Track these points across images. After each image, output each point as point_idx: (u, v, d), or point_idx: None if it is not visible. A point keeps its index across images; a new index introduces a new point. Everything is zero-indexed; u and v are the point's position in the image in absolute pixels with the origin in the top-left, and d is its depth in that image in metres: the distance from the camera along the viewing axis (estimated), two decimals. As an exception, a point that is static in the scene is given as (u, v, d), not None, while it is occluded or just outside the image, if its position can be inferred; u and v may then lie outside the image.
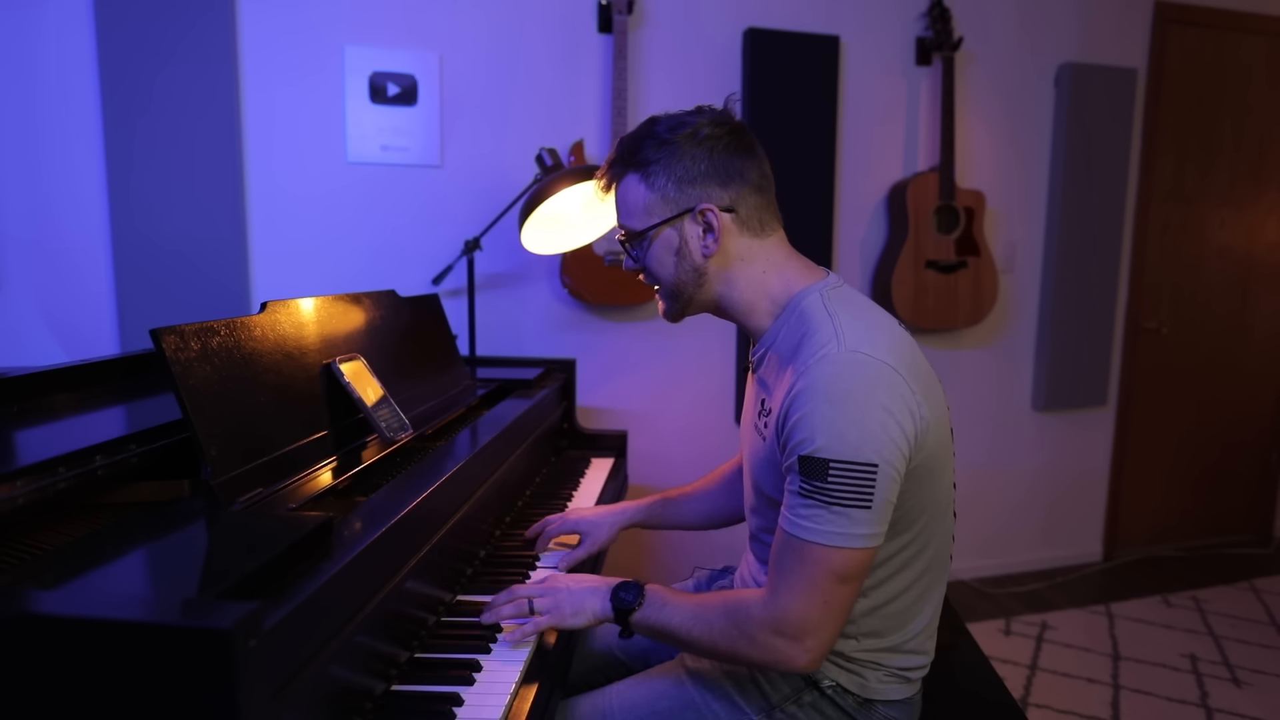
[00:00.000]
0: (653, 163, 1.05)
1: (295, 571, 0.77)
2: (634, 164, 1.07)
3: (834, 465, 0.90)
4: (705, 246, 1.06)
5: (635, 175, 1.07)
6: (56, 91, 2.10)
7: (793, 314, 1.04)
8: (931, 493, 1.02)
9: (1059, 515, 3.27)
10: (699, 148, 1.04)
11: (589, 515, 1.38)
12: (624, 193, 1.10)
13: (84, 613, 0.58)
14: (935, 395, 1.00)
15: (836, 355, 0.94)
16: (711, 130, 1.05)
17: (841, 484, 0.90)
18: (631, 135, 1.09)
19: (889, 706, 1.08)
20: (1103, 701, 2.28)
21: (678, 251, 1.07)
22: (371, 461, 1.15)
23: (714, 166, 1.04)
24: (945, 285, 2.76)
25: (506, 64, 2.41)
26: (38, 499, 0.83)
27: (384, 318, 1.45)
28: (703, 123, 1.05)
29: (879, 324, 1.01)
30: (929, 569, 1.06)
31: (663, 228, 1.06)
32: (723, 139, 1.05)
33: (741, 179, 1.06)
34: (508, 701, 0.92)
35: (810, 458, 0.91)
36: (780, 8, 2.63)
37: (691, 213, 1.05)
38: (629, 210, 1.09)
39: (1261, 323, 3.42)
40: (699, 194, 1.05)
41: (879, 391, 0.92)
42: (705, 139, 1.04)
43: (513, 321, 2.50)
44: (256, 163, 2.25)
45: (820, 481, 0.91)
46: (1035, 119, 2.99)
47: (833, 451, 0.90)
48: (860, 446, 0.90)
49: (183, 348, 0.93)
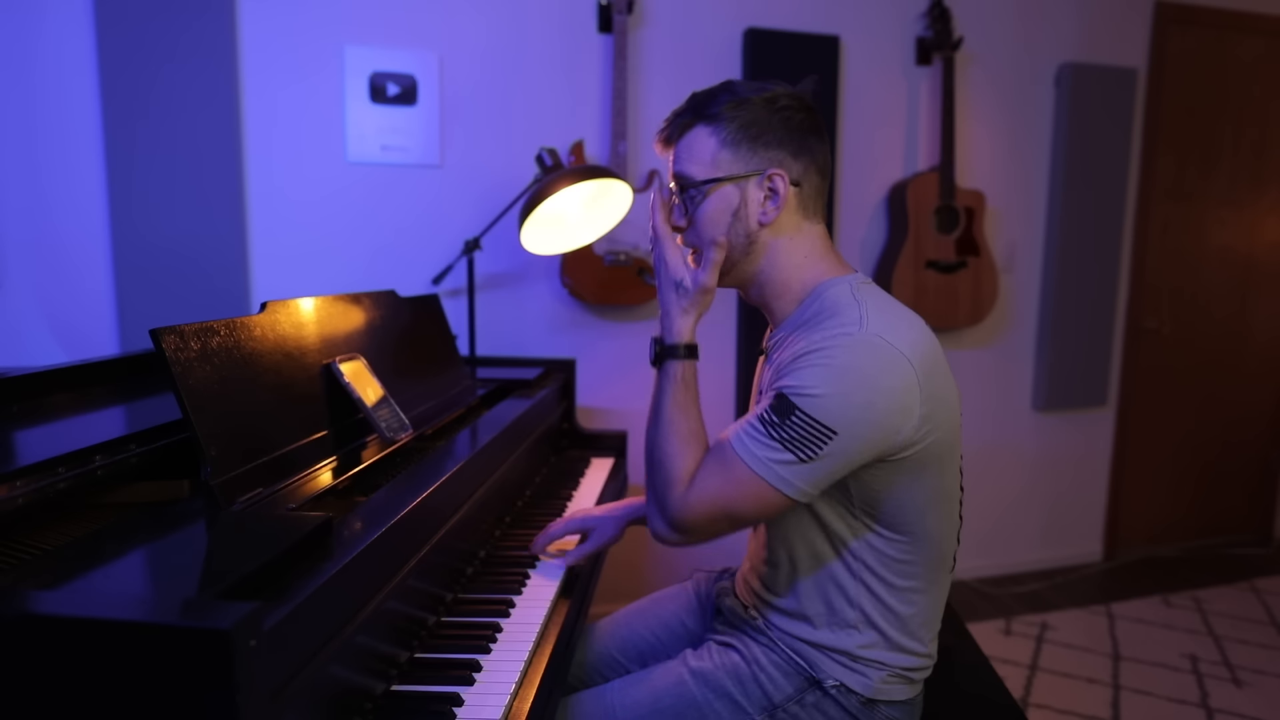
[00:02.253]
0: (729, 119, 1.03)
1: (295, 571, 0.77)
2: (707, 116, 1.04)
3: (799, 414, 0.93)
4: (764, 212, 1.04)
5: (707, 127, 1.04)
6: (56, 91, 2.10)
7: (817, 300, 1.04)
8: (934, 490, 1.02)
9: (1059, 515, 3.27)
10: (776, 114, 1.03)
11: (595, 512, 1.37)
12: (690, 142, 1.06)
13: (84, 613, 0.58)
14: (947, 397, 1.01)
15: (858, 334, 0.95)
16: (790, 101, 1.04)
17: (797, 431, 0.93)
18: (705, 91, 1.07)
19: (891, 707, 1.08)
20: (1103, 702, 2.28)
21: (735, 212, 1.05)
22: (371, 461, 1.15)
23: (789, 136, 1.04)
24: (945, 285, 2.76)
25: (506, 64, 2.41)
26: (38, 499, 0.83)
27: (384, 318, 1.45)
28: (781, 92, 1.04)
29: (905, 318, 1.01)
30: (932, 568, 1.07)
31: (725, 183, 1.04)
32: (800, 113, 1.05)
33: (810, 157, 1.05)
34: (508, 701, 0.92)
35: (785, 397, 0.94)
36: (780, 8, 2.63)
37: (760, 175, 1.03)
38: (693, 158, 1.06)
39: (1261, 323, 3.42)
40: (772, 157, 1.03)
41: (880, 376, 0.93)
42: (783, 108, 1.03)
43: (513, 321, 2.50)
44: (256, 163, 2.25)
45: (780, 419, 0.94)
46: (1035, 119, 2.99)
47: (805, 404, 0.93)
48: (832, 413, 0.92)
49: (183, 348, 0.93)
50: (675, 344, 1.08)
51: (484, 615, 1.12)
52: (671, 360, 1.08)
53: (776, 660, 1.10)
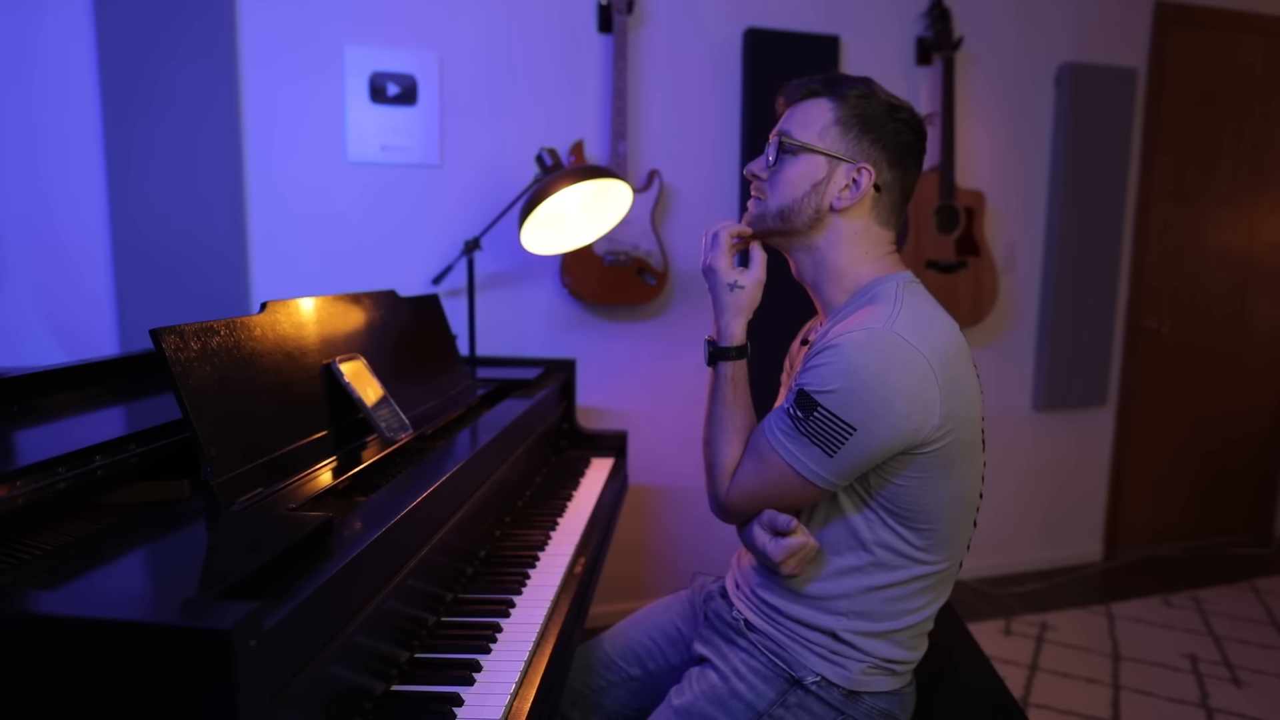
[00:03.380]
0: (852, 102, 1.08)
1: (295, 571, 0.77)
2: (834, 92, 1.09)
3: (821, 410, 0.99)
4: (840, 198, 1.08)
5: (829, 100, 1.09)
6: (56, 91, 2.10)
7: (865, 294, 1.08)
8: (952, 491, 1.04)
9: (1059, 515, 3.27)
10: (893, 122, 1.08)
11: None
12: (808, 108, 1.11)
13: (84, 613, 0.58)
14: (970, 398, 1.03)
15: (879, 331, 0.98)
16: (909, 119, 1.10)
17: (819, 426, 0.99)
18: (840, 74, 1.12)
19: (877, 698, 1.09)
20: (1103, 702, 2.28)
21: (815, 184, 1.09)
22: (371, 461, 1.15)
23: (894, 144, 1.08)
24: (945, 285, 2.76)
25: (506, 64, 2.41)
26: (38, 499, 0.83)
27: (384, 318, 1.45)
28: (906, 108, 1.10)
29: (936, 321, 1.04)
30: (939, 570, 1.07)
31: (821, 155, 1.08)
32: (911, 133, 1.10)
33: (904, 173, 1.10)
34: (508, 701, 0.92)
35: (806, 393, 1.00)
36: (780, 8, 2.63)
37: (853, 164, 1.08)
38: (803, 122, 1.10)
39: (1261, 323, 3.42)
40: (870, 153, 1.08)
41: (899, 375, 0.96)
42: (901, 120, 1.09)
43: (513, 321, 2.50)
44: (256, 162, 2.25)
45: (804, 414, 1.00)
46: (1035, 119, 2.99)
47: (826, 400, 0.98)
48: (852, 410, 0.97)
49: (183, 348, 0.93)
50: (728, 346, 1.14)
51: (484, 615, 1.12)
52: (724, 361, 1.14)
53: (756, 666, 1.11)
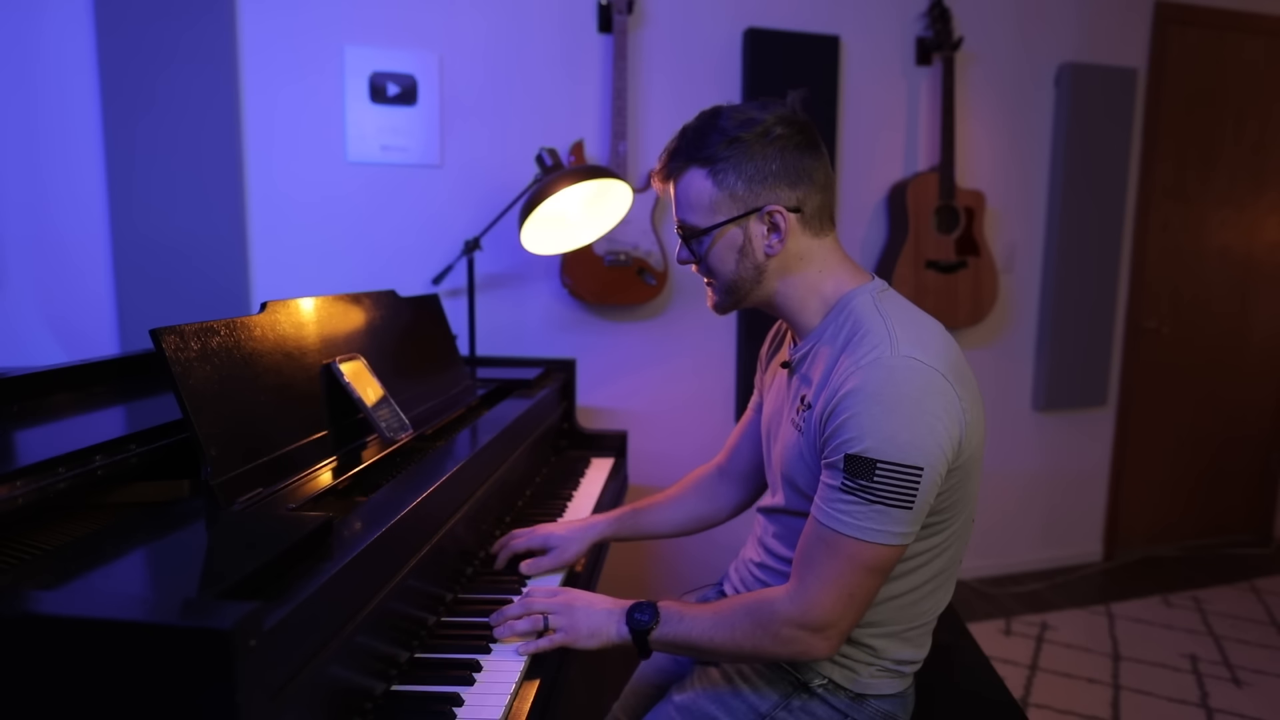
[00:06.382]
0: (721, 159, 1.02)
1: (295, 571, 0.77)
2: (700, 159, 1.04)
3: (881, 465, 0.91)
4: (769, 246, 1.04)
5: (701, 170, 1.04)
6: (56, 91, 2.10)
7: (841, 312, 1.04)
8: (966, 494, 1.03)
9: (1059, 515, 3.27)
10: (770, 147, 1.02)
11: (558, 530, 1.33)
12: (686, 187, 1.06)
13: (84, 613, 0.58)
14: (976, 399, 1.01)
15: (890, 359, 0.94)
16: (783, 129, 1.02)
17: (887, 484, 0.91)
18: (695, 127, 1.06)
19: (882, 701, 1.09)
20: (1103, 702, 2.28)
21: (741, 250, 1.05)
22: (371, 461, 1.15)
23: (785, 167, 1.02)
24: (945, 285, 2.76)
25: (506, 64, 2.41)
26: (38, 499, 0.83)
27: (384, 318, 1.45)
28: (772, 120, 1.03)
29: (929, 329, 1.01)
30: (946, 569, 1.07)
31: (729, 226, 1.04)
32: (793, 138, 1.03)
33: (809, 179, 1.04)
34: (508, 701, 0.92)
35: (858, 456, 0.92)
36: (780, 8, 2.63)
37: (759, 212, 1.03)
38: (692, 206, 1.06)
39: (1261, 323, 3.42)
40: (768, 194, 1.03)
41: (929, 398, 0.93)
42: (777, 138, 1.02)
43: (513, 321, 2.50)
44: (256, 162, 2.25)
45: (865, 480, 0.92)
46: (1035, 119, 2.99)
47: (881, 453, 0.91)
48: (909, 450, 0.91)
49: (183, 348, 0.93)
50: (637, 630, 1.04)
51: (484, 615, 1.12)
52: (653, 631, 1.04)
53: (760, 667, 1.11)
